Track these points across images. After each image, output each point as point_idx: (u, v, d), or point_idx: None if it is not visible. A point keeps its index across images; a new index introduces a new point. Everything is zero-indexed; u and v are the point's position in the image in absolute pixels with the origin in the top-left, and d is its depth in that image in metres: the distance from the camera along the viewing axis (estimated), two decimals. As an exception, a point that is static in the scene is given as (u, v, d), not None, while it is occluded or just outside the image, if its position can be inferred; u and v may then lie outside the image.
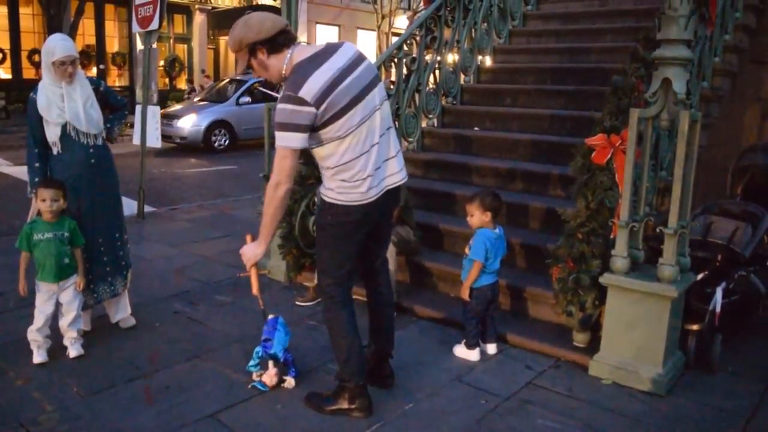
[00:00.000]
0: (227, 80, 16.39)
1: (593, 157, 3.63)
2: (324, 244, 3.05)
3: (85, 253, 3.74)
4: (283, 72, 2.83)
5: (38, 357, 3.57)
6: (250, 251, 3.01)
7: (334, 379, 3.16)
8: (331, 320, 3.08)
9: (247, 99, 14.07)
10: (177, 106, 15.09)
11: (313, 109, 2.66)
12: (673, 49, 3.28)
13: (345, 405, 3.08)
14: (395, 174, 2.98)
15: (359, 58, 2.87)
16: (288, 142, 2.70)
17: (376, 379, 3.28)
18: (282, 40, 2.80)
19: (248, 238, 3.10)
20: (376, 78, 2.91)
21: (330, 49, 2.83)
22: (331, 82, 2.70)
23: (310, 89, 2.66)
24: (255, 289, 3.19)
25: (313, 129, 2.73)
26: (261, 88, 13.66)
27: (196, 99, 15.59)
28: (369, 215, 2.92)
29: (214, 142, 13.52)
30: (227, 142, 13.70)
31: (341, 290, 3.05)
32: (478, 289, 3.69)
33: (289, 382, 3.36)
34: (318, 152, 2.85)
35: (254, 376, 3.36)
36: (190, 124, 13.30)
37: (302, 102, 2.65)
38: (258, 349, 3.35)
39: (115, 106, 4.08)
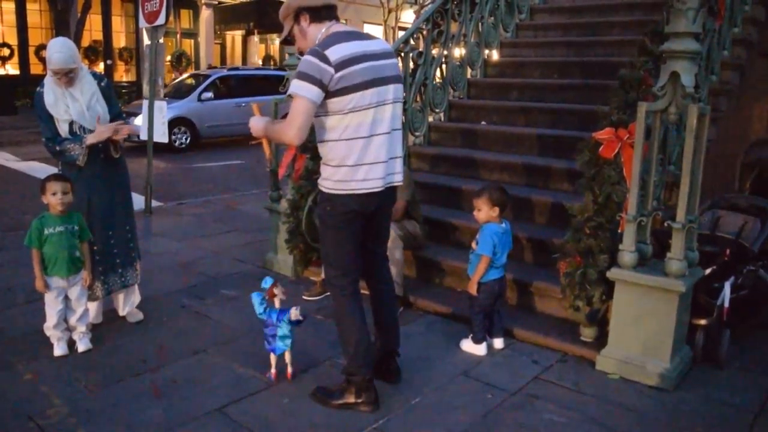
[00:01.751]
0: (188, 75, 15.47)
1: (601, 151, 3.61)
2: (326, 236, 3.07)
3: (96, 246, 3.79)
4: (317, 41, 2.92)
5: (59, 350, 3.61)
6: (255, 125, 3.08)
7: (341, 374, 3.17)
8: (339, 312, 3.09)
9: (210, 95, 13.29)
10: (136, 103, 13.62)
11: (332, 70, 2.74)
12: (682, 42, 3.25)
13: (351, 399, 3.08)
14: (398, 173, 3.06)
15: (388, 54, 3.01)
16: (302, 90, 2.75)
17: (382, 376, 3.29)
18: (325, 13, 2.96)
19: (255, 108, 3.23)
20: (397, 77, 3.02)
21: (365, 35, 3.00)
22: (355, 57, 2.81)
23: (335, 52, 2.76)
24: (268, 153, 3.50)
25: (325, 95, 2.79)
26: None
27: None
28: (366, 206, 2.96)
29: (175, 141, 12.56)
30: (188, 140, 12.87)
31: (348, 281, 3.06)
32: (485, 284, 3.69)
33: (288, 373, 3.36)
34: (322, 121, 2.89)
35: (272, 370, 3.35)
36: None
37: (325, 59, 2.74)
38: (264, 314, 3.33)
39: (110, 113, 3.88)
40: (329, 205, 2.96)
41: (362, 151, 2.86)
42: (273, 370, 3.34)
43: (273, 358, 3.33)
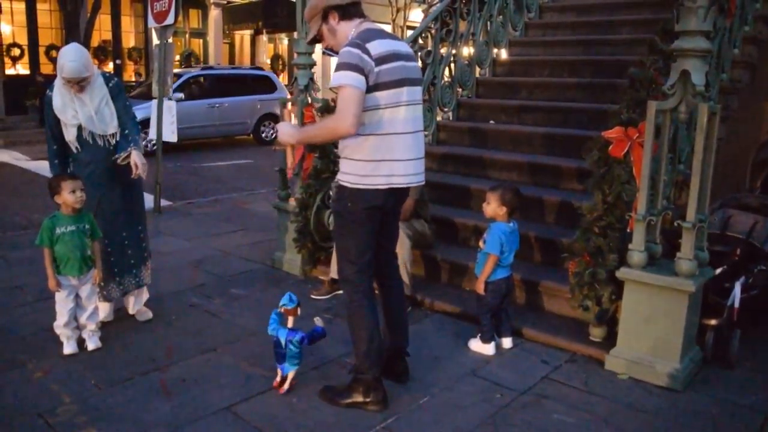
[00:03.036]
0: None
1: (610, 150, 3.59)
2: (344, 232, 3.06)
3: (110, 247, 3.82)
4: (350, 37, 2.94)
5: (68, 348, 3.63)
6: (285, 132, 3.08)
7: (349, 373, 3.17)
8: (353, 310, 3.08)
9: (180, 95, 12.12)
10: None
11: (372, 63, 2.78)
12: (692, 40, 3.23)
13: (360, 398, 3.08)
14: (421, 174, 3.07)
15: (413, 57, 3.09)
16: (349, 79, 2.76)
17: (390, 375, 3.28)
18: (353, 10, 3.00)
19: (287, 113, 3.18)
20: (420, 80, 3.12)
21: (394, 35, 3.07)
22: (391, 54, 2.87)
23: (375, 47, 2.82)
24: (290, 161, 3.38)
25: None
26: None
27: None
28: (387, 201, 2.97)
29: (146, 144, 11.54)
30: None
31: (365, 278, 3.06)
32: (492, 283, 3.68)
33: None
34: None
35: (277, 379, 3.33)
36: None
37: (367, 51, 2.79)
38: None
39: (120, 121, 3.81)
40: (350, 200, 2.95)
41: (390, 147, 2.89)
42: (278, 379, 3.30)
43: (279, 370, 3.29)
